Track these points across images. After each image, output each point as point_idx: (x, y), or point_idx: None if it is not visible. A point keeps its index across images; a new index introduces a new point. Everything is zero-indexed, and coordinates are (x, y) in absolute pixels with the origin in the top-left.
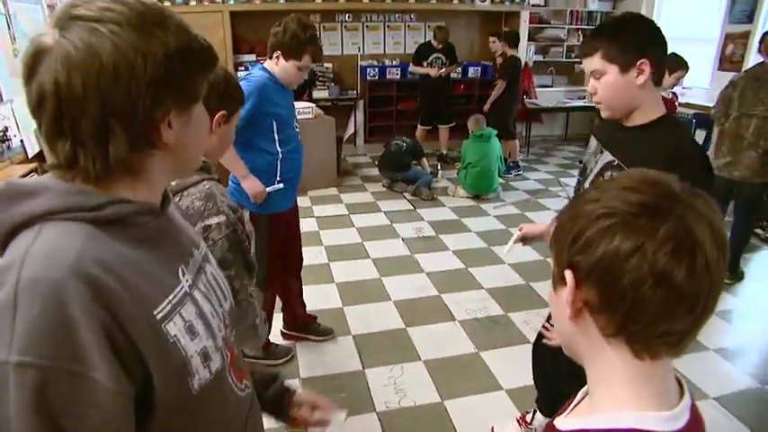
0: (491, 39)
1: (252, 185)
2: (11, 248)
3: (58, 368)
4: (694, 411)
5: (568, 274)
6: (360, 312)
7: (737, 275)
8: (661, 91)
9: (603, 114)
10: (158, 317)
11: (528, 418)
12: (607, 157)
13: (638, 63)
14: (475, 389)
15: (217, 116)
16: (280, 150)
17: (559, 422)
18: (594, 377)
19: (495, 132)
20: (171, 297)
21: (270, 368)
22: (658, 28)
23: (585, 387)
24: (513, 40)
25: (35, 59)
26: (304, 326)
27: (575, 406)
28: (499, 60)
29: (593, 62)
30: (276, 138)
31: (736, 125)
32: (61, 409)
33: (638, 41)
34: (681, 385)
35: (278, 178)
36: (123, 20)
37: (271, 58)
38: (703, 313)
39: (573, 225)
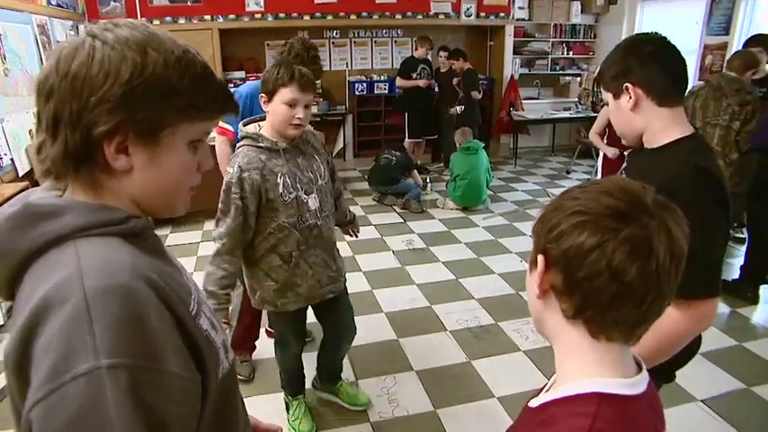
0: (442, 53)
1: None
2: (47, 268)
3: (145, 365)
4: (651, 386)
5: (540, 259)
6: None
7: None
8: None
9: (623, 142)
10: (192, 314)
11: None
12: None
13: (624, 87)
14: (467, 397)
15: (261, 98)
16: None
17: (532, 402)
18: (560, 354)
19: (483, 145)
20: (194, 296)
21: None
22: (646, 49)
23: (555, 375)
24: (465, 55)
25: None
26: None
27: (548, 389)
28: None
29: (603, 93)
30: None
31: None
32: (155, 402)
33: (619, 67)
34: (638, 364)
35: None
36: (111, 39)
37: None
38: (650, 310)
39: (552, 216)
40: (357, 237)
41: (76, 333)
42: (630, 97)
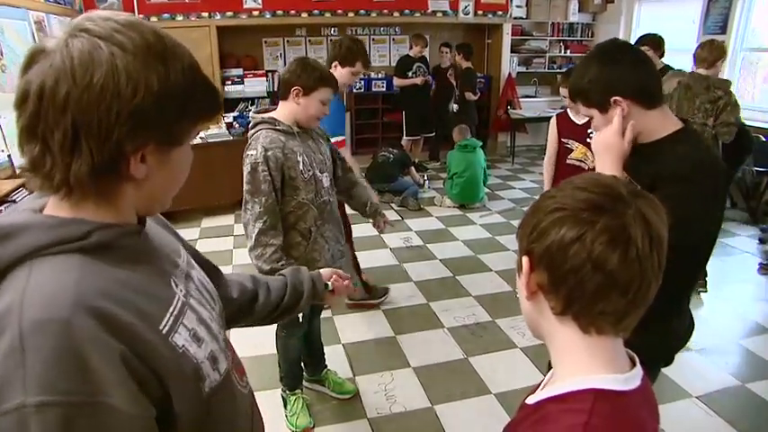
0: (443, 49)
1: None
2: (2, 291)
3: (78, 402)
4: (645, 381)
5: (525, 260)
6: (350, 321)
7: (704, 282)
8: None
9: None
10: (164, 331)
11: None
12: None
13: (612, 101)
14: (464, 394)
15: (293, 89)
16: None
17: (530, 399)
18: (555, 353)
19: (480, 143)
20: (171, 309)
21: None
22: (621, 59)
23: (551, 371)
24: (468, 53)
25: (32, 58)
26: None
27: (543, 387)
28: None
29: (581, 108)
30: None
31: None
32: None
33: (601, 84)
34: (632, 360)
35: None
36: (129, 45)
37: (329, 67)
38: (636, 298)
39: (532, 218)
40: (383, 228)
41: (10, 366)
42: (623, 110)
